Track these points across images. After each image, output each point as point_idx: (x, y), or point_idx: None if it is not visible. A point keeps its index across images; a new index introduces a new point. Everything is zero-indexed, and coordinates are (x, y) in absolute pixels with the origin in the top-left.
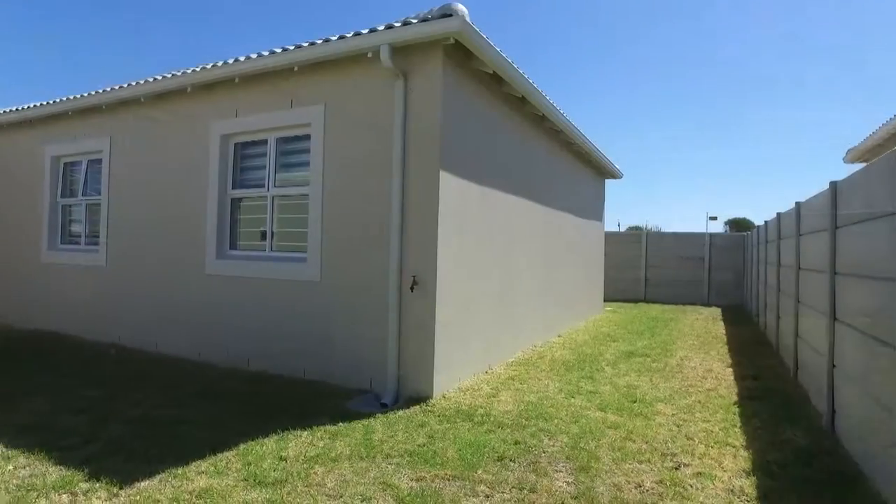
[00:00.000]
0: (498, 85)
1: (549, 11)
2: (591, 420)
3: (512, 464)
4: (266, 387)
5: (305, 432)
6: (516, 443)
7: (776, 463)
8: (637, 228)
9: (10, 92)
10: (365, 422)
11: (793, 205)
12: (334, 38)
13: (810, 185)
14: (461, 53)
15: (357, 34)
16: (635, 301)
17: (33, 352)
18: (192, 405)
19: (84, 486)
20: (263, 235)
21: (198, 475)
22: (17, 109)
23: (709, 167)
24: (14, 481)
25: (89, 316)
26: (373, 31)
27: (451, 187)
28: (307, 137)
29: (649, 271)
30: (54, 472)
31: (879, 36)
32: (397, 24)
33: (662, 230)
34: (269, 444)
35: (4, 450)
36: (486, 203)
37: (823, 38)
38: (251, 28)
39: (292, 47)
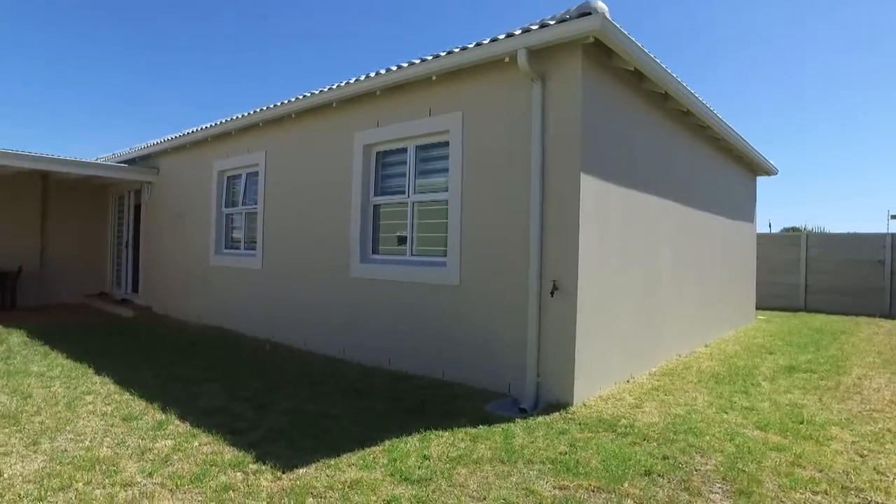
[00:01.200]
0: (638, 81)
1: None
2: (748, 439)
3: (661, 479)
4: (406, 386)
5: (446, 433)
6: (664, 458)
7: None
8: (794, 229)
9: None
10: (504, 426)
11: None
12: (471, 46)
13: None
14: (600, 52)
15: (494, 40)
16: (793, 310)
17: (207, 345)
18: (338, 400)
19: (253, 466)
20: (401, 240)
21: (348, 467)
22: (197, 130)
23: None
24: (200, 456)
25: (248, 314)
26: (509, 35)
27: (592, 190)
28: (445, 144)
29: (810, 277)
30: (228, 452)
31: None
32: (534, 27)
33: (826, 230)
34: (413, 442)
35: (191, 428)
36: (627, 205)
37: None
38: (383, 43)
39: (430, 58)
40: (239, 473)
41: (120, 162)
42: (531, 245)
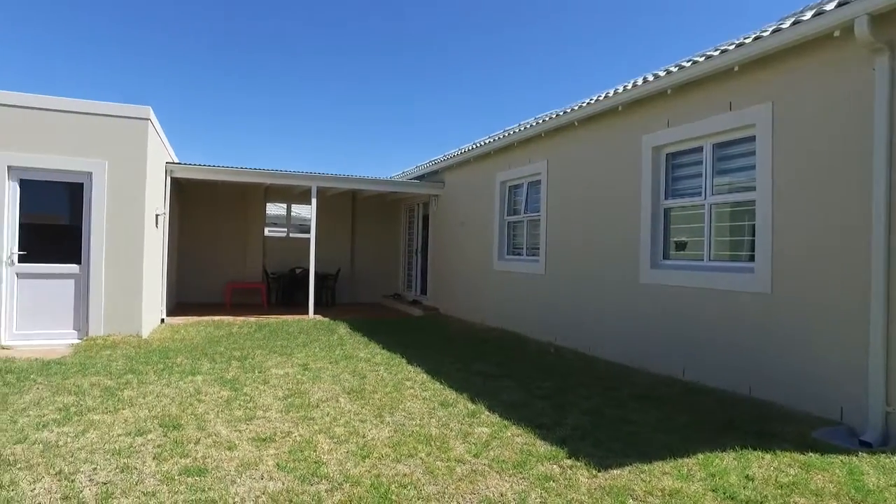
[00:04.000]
0: None
1: None
2: None
3: None
4: (704, 399)
5: (767, 455)
6: None
7: None
8: None
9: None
10: (844, 458)
11: None
12: (786, 27)
13: None
14: None
15: (819, 14)
16: None
17: (494, 345)
18: (633, 407)
19: (567, 462)
20: (680, 246)
21: (662, 475)
22: (480, 144)
23: None
24: (515, 445)
25: (530, 317)
26: (841, 4)
27: None
28: (749, 140)
29: None
30: (540, 445)
31: None
32: None
33: None
34: (728, 459)
35: (501, 419)
36: None
37: None
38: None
39: (732, 47)
40: (555, 466)
41: (411, 178)
42: (874, 253)
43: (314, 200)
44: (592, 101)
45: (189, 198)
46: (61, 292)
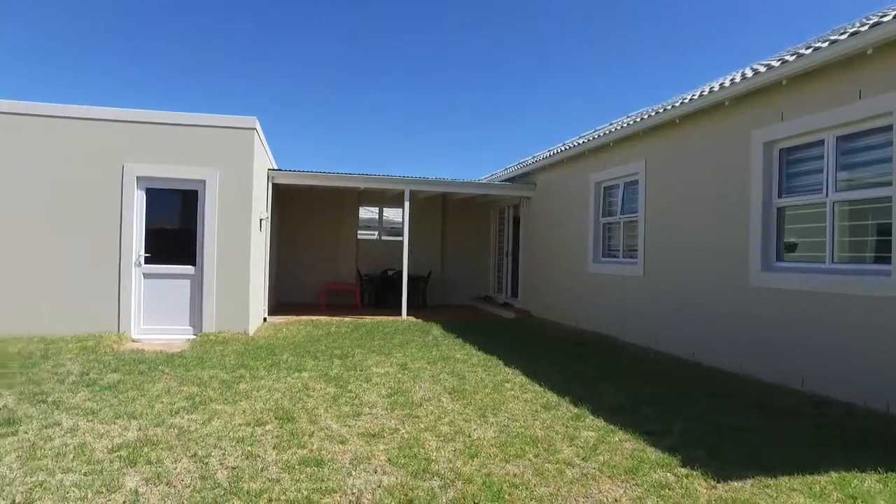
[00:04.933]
0: None
1: None
2: None
3: None
4: (831, 411)
5: None
6: None
7: None
8: None
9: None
10: None
11: None
12: None
13: None
14: None
15: None
16: None
17: (590, 347)
18: (749, 416)
19: (682, 470)
20: (793, 247)
21: (791, 491)
22: (573, 145)
23: None
24: (624, 451)
25: (627, 321)
26: None
27: None
28: (882, 131)
29: None
30: (651, 452)
31: None
32: None
33: None
34: (870, 480)
35: (606, 423)
36: None
37: None
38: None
39: (865, 28)
40: (669, 474)
41: (503, 180)
42: None
43: (407, 203)
44: (696, 97)
45: (286, 202)
46: (179, 291)
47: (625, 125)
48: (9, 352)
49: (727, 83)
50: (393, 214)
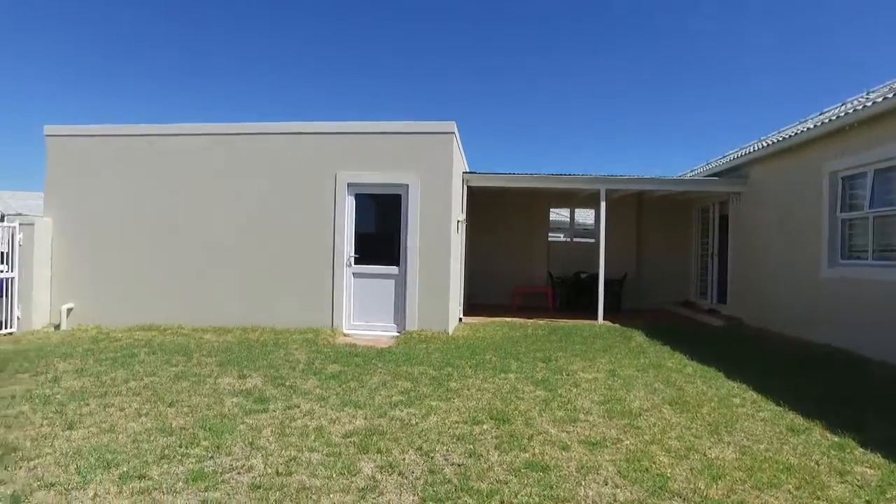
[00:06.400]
0: None
1: None
2: None
3: None
4: None
5: None
6: None
7: None
8: None
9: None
10: None
11: None
12: None
13: None
14: None
15: None
16: None
17: (823, 364)
18: None
19: None
20: None
21: None
22: (796, 133)
23: None
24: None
25: (876, 332)
26: None
27: None
28: None
29: None
30: None
31: None
32: None
33: None
34: None
35: (887, 461)
36: None
37: None
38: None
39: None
40: None
41: (708, 176)
42: None
43: (603, 203)
44: None
45: (477, 204)
46: (384, 291)
47: (873, 102)
48: (250, 339)
49: None
50: (584, 216)
